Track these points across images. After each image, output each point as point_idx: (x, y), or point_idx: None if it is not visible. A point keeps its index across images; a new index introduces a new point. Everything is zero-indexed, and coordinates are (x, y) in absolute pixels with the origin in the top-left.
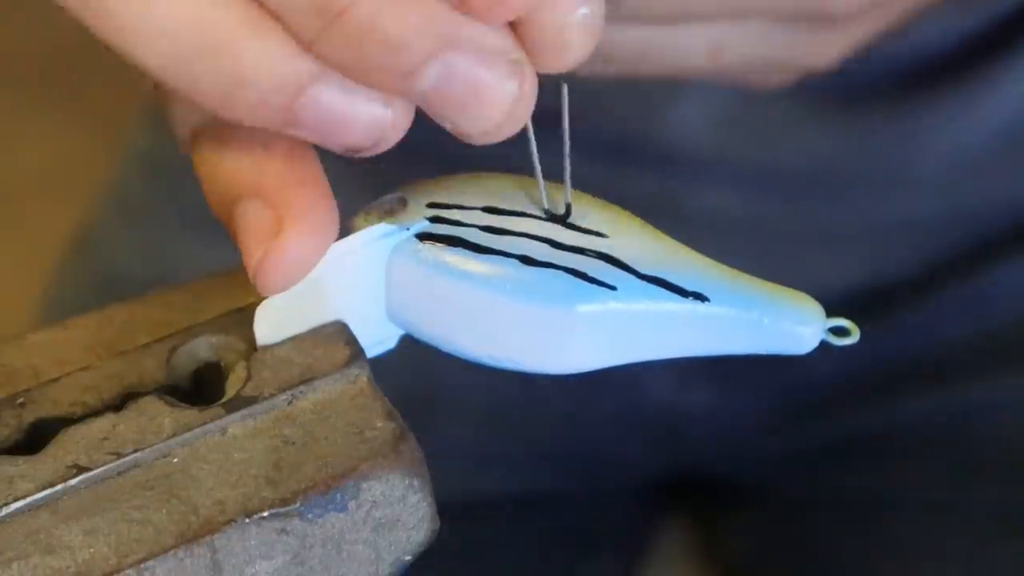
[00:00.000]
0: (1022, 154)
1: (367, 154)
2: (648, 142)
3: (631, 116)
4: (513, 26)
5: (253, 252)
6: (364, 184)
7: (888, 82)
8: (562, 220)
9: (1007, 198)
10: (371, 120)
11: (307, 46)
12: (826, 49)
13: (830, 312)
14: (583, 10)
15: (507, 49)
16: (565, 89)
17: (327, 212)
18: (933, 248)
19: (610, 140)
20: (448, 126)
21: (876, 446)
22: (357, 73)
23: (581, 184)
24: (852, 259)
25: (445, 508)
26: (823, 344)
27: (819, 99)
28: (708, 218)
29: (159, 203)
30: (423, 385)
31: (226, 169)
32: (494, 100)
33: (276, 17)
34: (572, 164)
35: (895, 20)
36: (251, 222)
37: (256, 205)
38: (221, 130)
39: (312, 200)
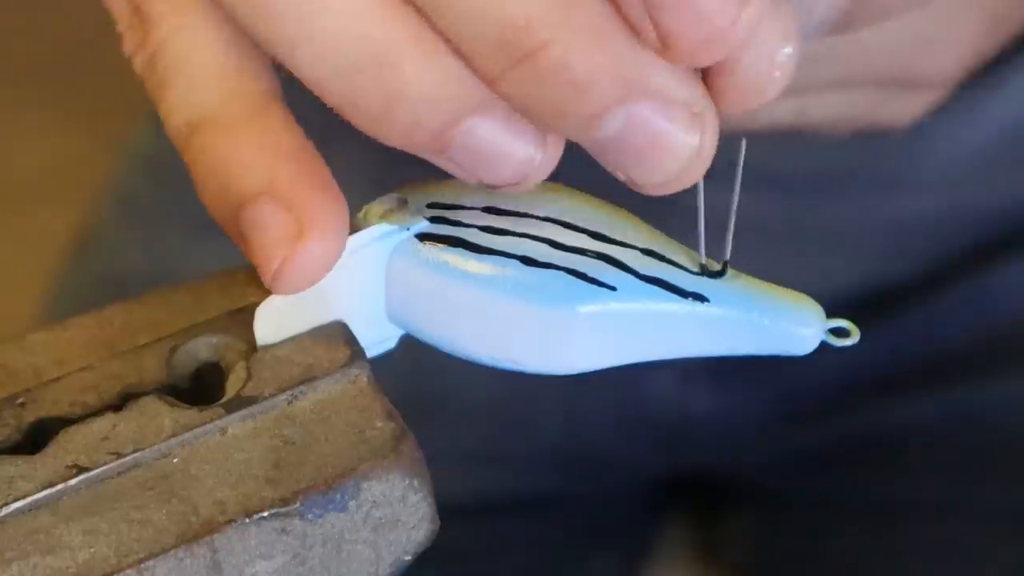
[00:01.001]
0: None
1: (508, 192)
2: None
3: None
4: (707, 67)
5: (273, 256)
6: (364, 184)
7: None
8: (717, 276)
9: (1011, 199)
10: (523, 159)
11: (488, 80)
12: (907, 110)
13: (834, 313)
14: (787, 49)
15: (692, 100)
16: (744, 144)
17: (342, 213)
18: (937, 249)
19: None
20: (620, 175)
21: (879, 447)
22: (535, 113)
23: (585, 184)
24: (856, 260)
25: (448, 508)
26: (823, 345)
27: None
28: (711, 219)
29: (161, 203)
30: (427, 385)
31: (232, 168)
32: (673, 153)
33: (451, 42)
34: (576, 167)
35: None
36: (269, 225)
37: (271, 208)
38: (227, 126)
39: (328, 202)
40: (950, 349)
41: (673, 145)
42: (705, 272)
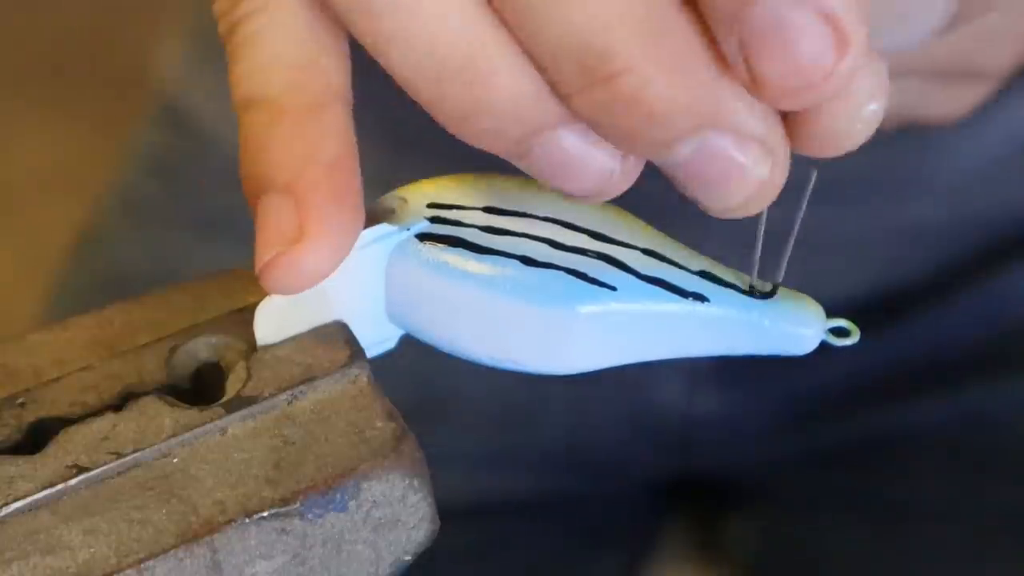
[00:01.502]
0: None
1: (586, 202)
2: None
3: None
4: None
5: (266, 250)
6: (365, 184)
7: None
8: (767, 297)
9: (1019, 205)
10: (601, 172)
11: (562, 97)
12: (956, 104)
13: (841, 315)
14: (873, 106)
15: (766, 135)
16: (814, 175)
17: (350, 231)
18: (945, 253)
19: None
20: (689, 195)
21: (886, 450)
22: (606, 133)
23: None
24: (865, 264)
25: (453, 508)
26: (823, 345)
27: None
28: (722, 224)
29: (163, 203)
30: (433, 387)
31: (270, 154)
32: (741, 184)
33: (534, 56)
34: None
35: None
36: (272, 220)
37: (282, 203)
38: (277, 113)
39: (340, 215)
40: (956, 353)
41: (742, 177)
42: (755, 293)
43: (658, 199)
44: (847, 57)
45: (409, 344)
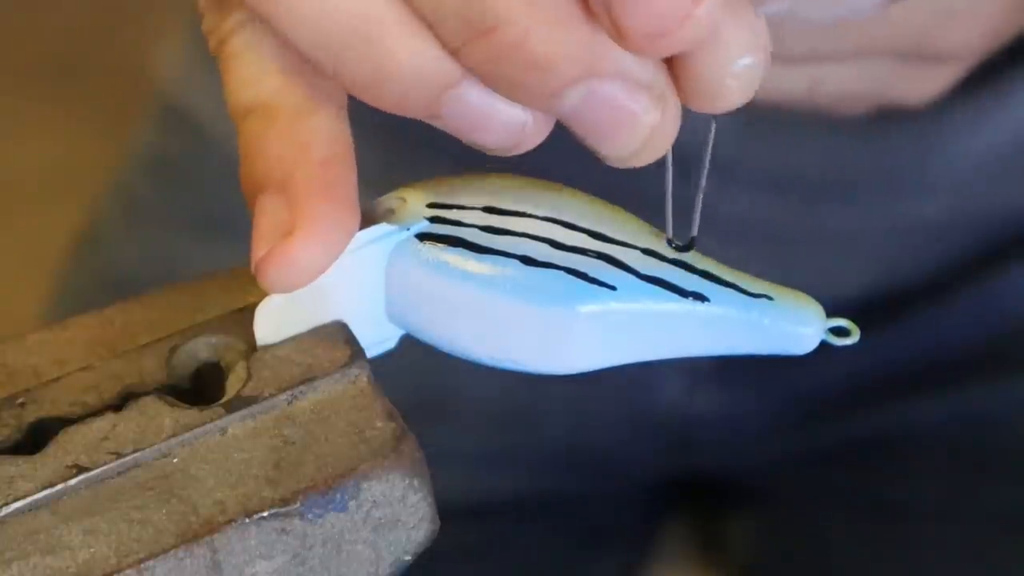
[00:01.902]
0: None
1: (506, 155)
2: None
3: None
4: (668, 62)
5: (260, 246)
6: (365, 184)
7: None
8: (684, 250)
9: (1018, 204)
10: (510, 123)
11: (452, 52)
12: (926, 86)
13: (841, 314)
14: (747, 60)
15: (652, 81)
16: (714, 126)
17: (343, 229)
18: (945, 252)
19: None
20: (588, 146)
21: (885, 449)
22: (498, 86)
23: (585, 184)
24: (864, 262)
25: (453, 508)
26: (823, 344)
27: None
28: (723, 222)
29: (162, 203)
30: (432, 386)
31: (264, 156)
32: (633, 129)
33: (423, 17)
34: (576, 167)
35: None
36: (266, 218)
37: (276, 201)
38: (270, 118)
39: (331, 211)
40: (956, 352)
41: (634, 123)
42: (673, 245)
43: (658, 198)
44: (704, 2)
45: (409, 344)
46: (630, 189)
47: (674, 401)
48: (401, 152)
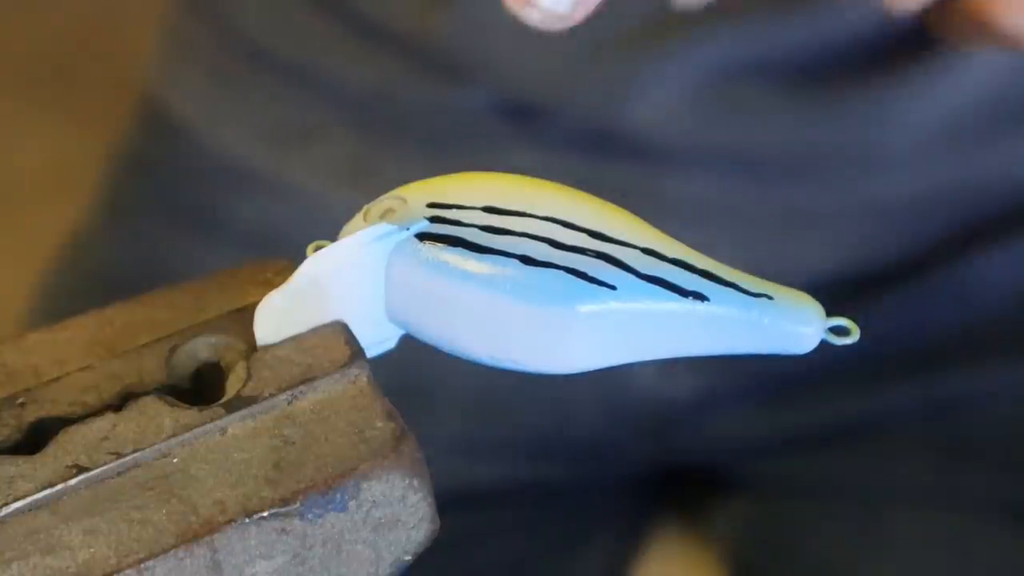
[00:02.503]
0: (995, 131)
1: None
2: (621, 131)
3: (602, 105)
4: None
5: None
6: (364, 184)
7: (854, 56)
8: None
9: (988, 179)
10: None
11: None
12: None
13: (815, 298)
14: None
15: None
16: None
17: None
18: (916, 234)
19: (584, 131)
20: None
21: (863, 433)
22: None
23: (585, 184)
24: (833, 244)
25: (436, 498)
26: (823, 343)
27: (785, 78)
28: (687, 206)
29: (149, 203)
30: (413, 375)
31: None
32: None
33: None
34: (549, 158)
35: None
36: None
37: None
38: None
39: None
40: (931, 336)
41: None
42: None
43: (658, 198)
44: None
45: (400, 343)
46: (630, 189)
47: (648, 386)
48: (380, 147)
